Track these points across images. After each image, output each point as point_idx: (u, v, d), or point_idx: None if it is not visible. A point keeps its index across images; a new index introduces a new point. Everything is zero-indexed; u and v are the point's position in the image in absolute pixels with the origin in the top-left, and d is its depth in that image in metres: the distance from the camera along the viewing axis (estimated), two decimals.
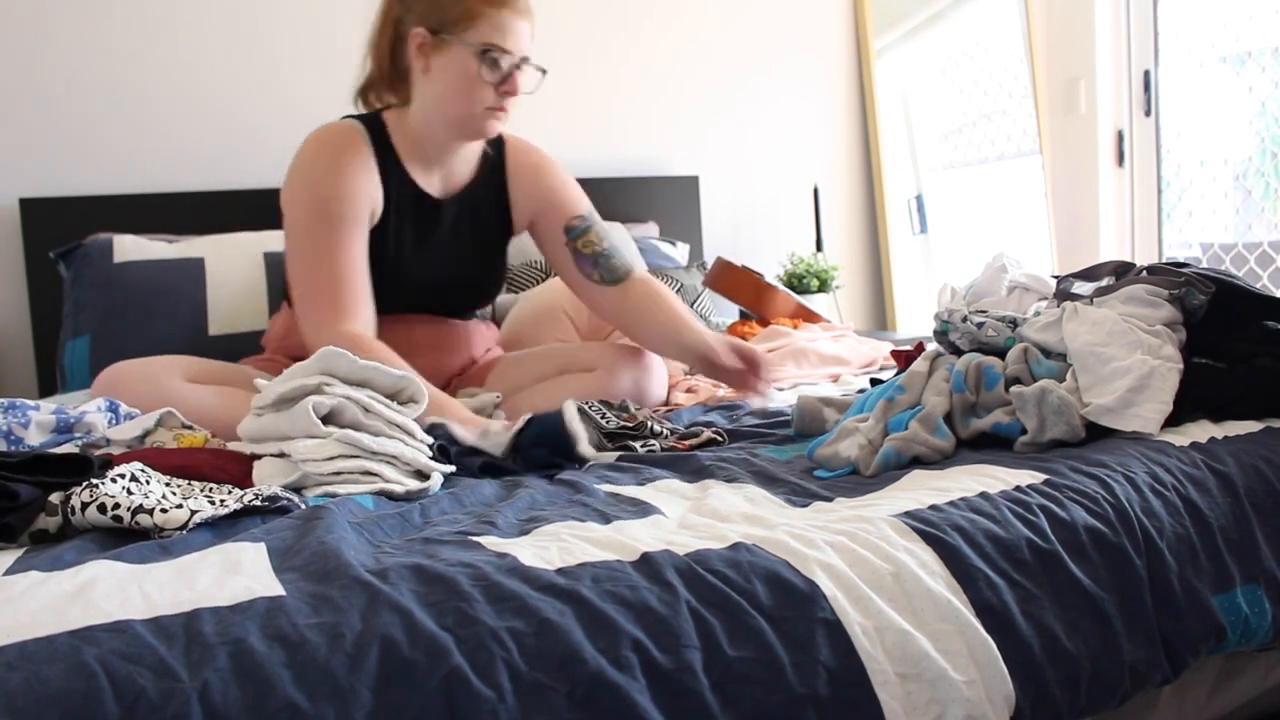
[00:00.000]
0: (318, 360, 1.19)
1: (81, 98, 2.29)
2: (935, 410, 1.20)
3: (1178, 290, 1.26)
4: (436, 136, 1.69)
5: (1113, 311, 1.25)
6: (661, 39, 2.99)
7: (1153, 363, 1.17)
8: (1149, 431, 1.15)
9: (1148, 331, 1.23)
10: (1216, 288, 1.27)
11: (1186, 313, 1.26)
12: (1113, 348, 1.19)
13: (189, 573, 0.81)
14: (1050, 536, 0.94)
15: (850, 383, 1.92)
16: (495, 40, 1.60)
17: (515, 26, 1.61)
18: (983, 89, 3.47)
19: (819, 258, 2.88)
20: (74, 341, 2.04)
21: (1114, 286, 1.32)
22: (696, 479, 1.15)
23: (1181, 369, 1.21)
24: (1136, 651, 0.93)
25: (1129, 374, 1.16)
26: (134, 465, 1.07)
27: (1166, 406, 1.16)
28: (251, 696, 0.64)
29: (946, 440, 1.17)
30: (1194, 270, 1.30)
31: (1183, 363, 1.22)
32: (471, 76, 1.61)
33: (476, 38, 1.59)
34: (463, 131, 1.68)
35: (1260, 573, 1.05)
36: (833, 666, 0.78)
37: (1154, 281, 1.29)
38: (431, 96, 1.66)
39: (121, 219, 2.23)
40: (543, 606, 0.75)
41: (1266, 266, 3.16)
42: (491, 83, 1.62)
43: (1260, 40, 3.13)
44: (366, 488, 1.12)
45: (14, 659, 0.65)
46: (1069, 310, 1.28)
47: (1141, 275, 1.32)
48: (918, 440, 1.16)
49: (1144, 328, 1.23)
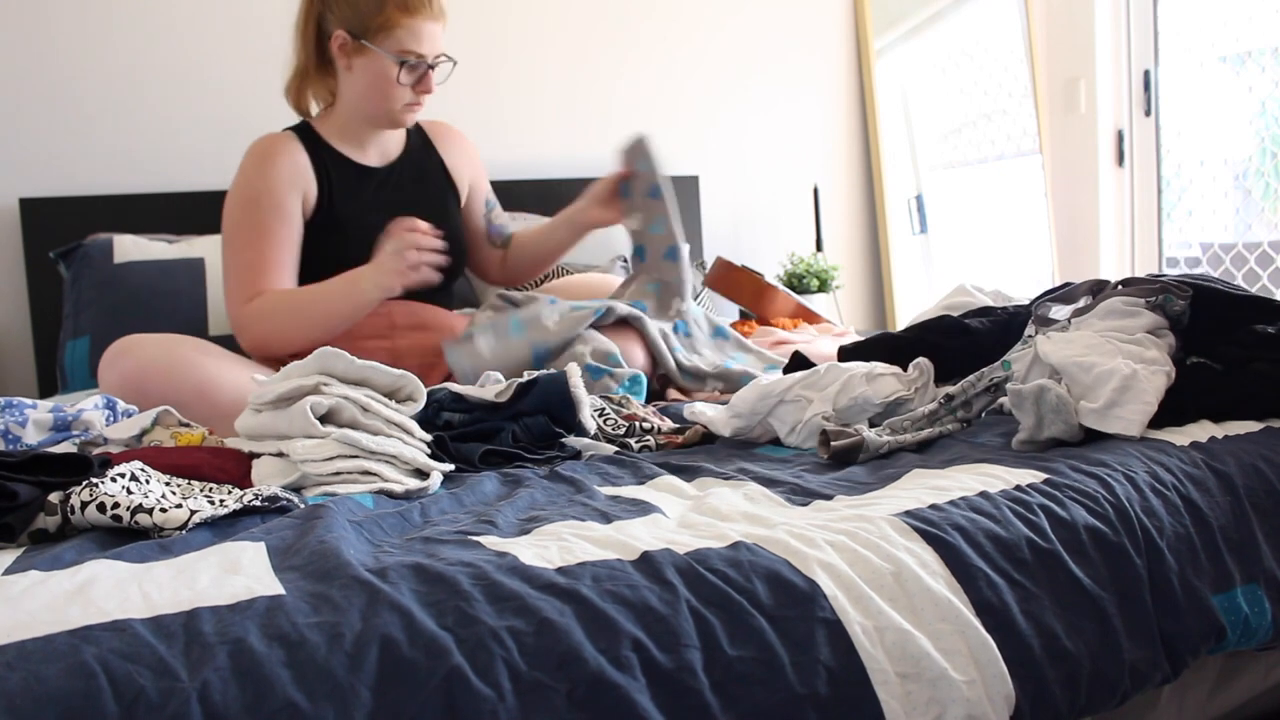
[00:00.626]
0: (315, 359, 1.19)
1: (81, 98, 2.29)
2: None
3: (1155, 298, 1.27)
4: (361, 125, 1.84)
5: (1088, 333, 1.26)
6: (661, 39, 2.99)
7: (1135, 366, 1.17)
8: (1131, 433, 1.15)
9: (1128, 341, 1.23)
10: (1195, 292, 1.28)
11: (1171, 318, 1.27)
12: (1093, 356, 1.20)
13: (188, 572, 0.81)
14: (1050, 536, 0.94)
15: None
16: (412, 47, 1.74)
17: (429, 31, 1.75)
18: (983, 89, 3.47)
19: (819, 258, 2.88)
20: (74, 342, 2.04)
21: (1090, 306, 1.32)
22: (695, 477, 1.15)
23: (1171, 371, 1.21)
24: (1136, 651, 0.93)
25: (1114, 376, 1.16)
26: (134, 464, 1.07)
27: (1150, 408, 1.16)
28: (251, 696, 0.64)
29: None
30: (1171, 278, 1.31)
31: (1173, 366, 1.22)
32: (388, 80, 1.75)
33: (395, 46, 1.73)
34: (381, 124, 1.84)
35: (1260, 572, 1.05)
36: (833, 666, 0.77)
37: (1130, 293, 1.30)
38: (352, 93, 1.80)
39: (121, 219, 2.23)
40: (543, 606, 0.75)
41: (1266, 266, 3.16)
42: (408, 84, 1.77)
43: (1260, 40, 3.13)
44: (366, 487, 1.12)
45: (13, 658, 0.65)
46: (1040, 340, 1.28)
47: (1117, 289, 1.33)
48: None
49: (1124, 338, 1.23)
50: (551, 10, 2.83)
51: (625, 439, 1.35)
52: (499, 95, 2.74)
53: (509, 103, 2.76)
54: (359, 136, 1.86)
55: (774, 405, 1.32)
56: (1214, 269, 3.30)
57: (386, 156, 1.90)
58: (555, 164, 2.78)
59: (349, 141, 1.85)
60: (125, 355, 1.52)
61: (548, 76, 2.84)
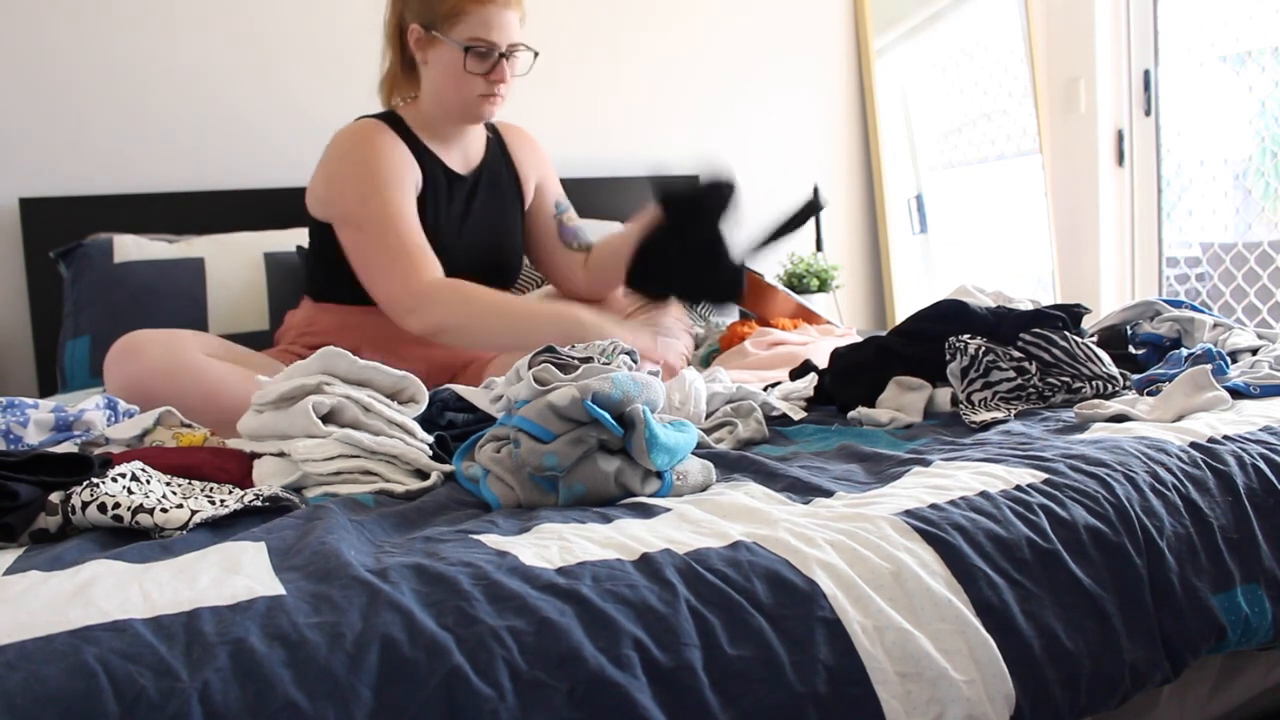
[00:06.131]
0: (318, 359, 1.19)
1: (81, 98, 2.29)
2: None
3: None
4: (443, 120, 1.83)
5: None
6: (661, 39, 2.99)
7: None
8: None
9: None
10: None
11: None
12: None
13: (189, 572, 0.81)
14: (1051, 536, 0.94)
15: None
16: (480, 34, 1.72)
17: (500, 19, 1.72)
18: (982, 88, 3.47)
19: (819, 257, 2.88)
20: (74, 341, 2.04)
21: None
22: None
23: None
24: (1137, 651, 0.93)
25: None
26: (134, 464, 1.07)
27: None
28: (252, 696, 0.64)
29: None
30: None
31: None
32: (460, 70, 1.74)
33: (463, 34, 1.72)
34: (461, 117, 1.82)
35: (1260, 572, 1.05)
36: (833, 665, 0.77)
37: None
38: (430, 87, 1.80)
39: (121, 219, 2.23)
40: (543, 606, 0.75)
41: (1266, 266, 3.16)
42: (480, 74, 1.75)
43: (1260, 40, 3.13)
44: (366, 487, 1.12)
45: (13, 658, 0.65)
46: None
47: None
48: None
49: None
50: (552, 10, 2.83)
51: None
52: None
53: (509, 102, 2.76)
54: (443, 134, 1.84)
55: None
56: (1214, 269, 3.30)
57: (469, 162, 1.89)
58: (556, 164, 2.77)
59: (437, 139, 1.83)
60: (130, 358, 1.51)
61: (548, 76, 2.83)
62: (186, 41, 2.39)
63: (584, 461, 1.02)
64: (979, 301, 1.73)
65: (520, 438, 1.03)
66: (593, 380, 1.03)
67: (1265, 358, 1.50)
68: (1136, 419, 1.28)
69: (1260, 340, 1.66)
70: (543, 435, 1.01)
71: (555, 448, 1.00)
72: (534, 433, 1.02)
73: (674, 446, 1.04)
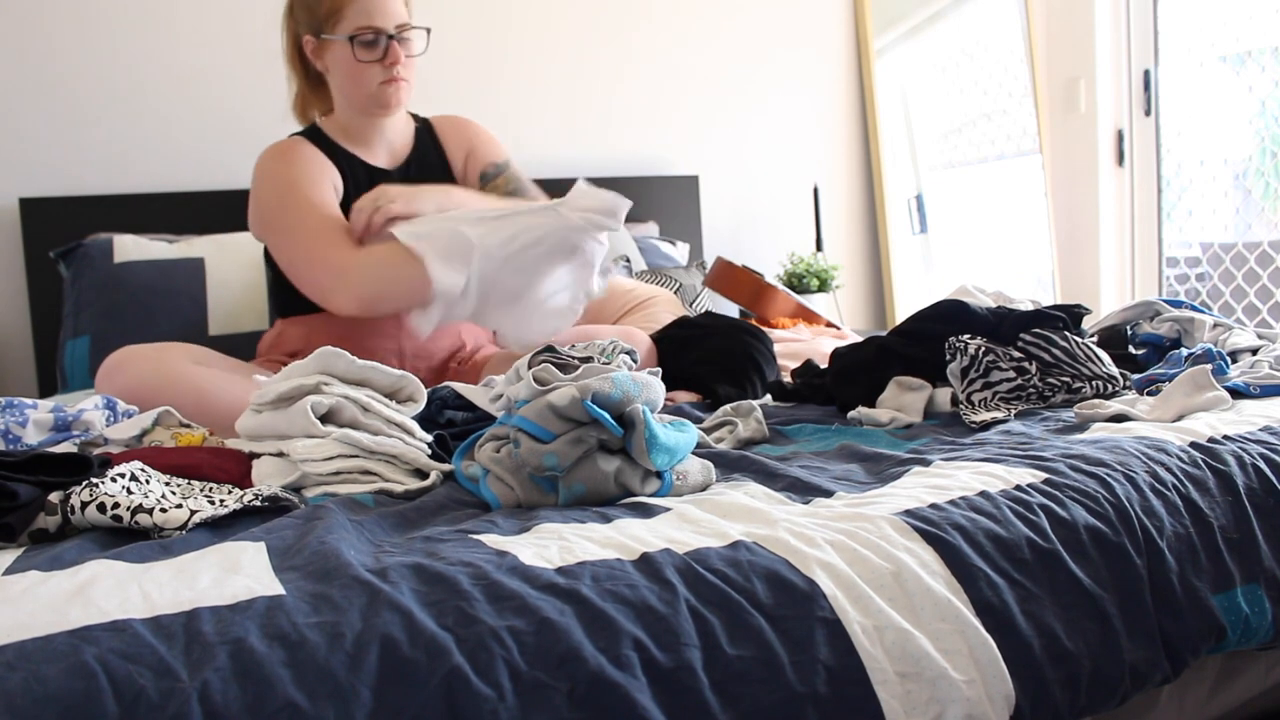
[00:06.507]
0: (316, 359, 1.19)
1: (81, 98, 2.29)
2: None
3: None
4: (357, 120, 1.85)
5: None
6: (661, 38, 2.99)
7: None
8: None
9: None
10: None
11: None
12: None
13: (189, 572, 0.81)
14: (1051, 536, 0.94)
15: None
16: (363, 23, 1.74)
17: (378, 5, 1.75)
18: (982, 88, 3.47)
19: (819, 257, 2.88)
20: (74, 341, 2.04)
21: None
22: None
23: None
24: (1137, 651, 0.92)
25: None
26: (134, 464, 1.07)
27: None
28: (251, 696, 0.64)
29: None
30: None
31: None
32: (353, 63, 1.76)
33: (347, 28, 1.74)
34: (370, 109, 1.82)
35: (1260, 572, 1.05)
36: (832, 665, 0.77)
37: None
38: (337, 92, 1.83)
39: (121, 219, 2.23)
40: (543, 606, 0.75)
41: (1266, 266, 3.16)
42: (373, 60, 1.76)
43: (1260, 40, 3.13)
44: (366, 487, 1.12)
45: (13, 658, 0.64)
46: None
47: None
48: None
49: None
50: (552, 10, 2.83)
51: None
52: (499, 95, 2.74)
53: (509, 102, 2.76)
54: (363, 136, 1.85)
55: None
56: (1214, 269, 3.30)
57: (396, 157, 1.89)
58: (556, 164, 2.78)
59: (356, 142, 1.85)
60: (119, 371, 1.52)
61: (548, 76, 2.84)
62: (186, 41, 2.39)
63: (584, 461, 1.02)
64: (979, 302, 1.73)
65: (520, 437, 1.03)
66: (593, 380, 1.03)
67: (1265, 358, 1.50)
68: (1136, 419, 1.28)
69: (1260, 340, 1.66)
70: (542, 435, 1.01)
71: (555, 448, 1.00)
72: (534, 433, 1.02)
73: (674, 446, 1.04)
